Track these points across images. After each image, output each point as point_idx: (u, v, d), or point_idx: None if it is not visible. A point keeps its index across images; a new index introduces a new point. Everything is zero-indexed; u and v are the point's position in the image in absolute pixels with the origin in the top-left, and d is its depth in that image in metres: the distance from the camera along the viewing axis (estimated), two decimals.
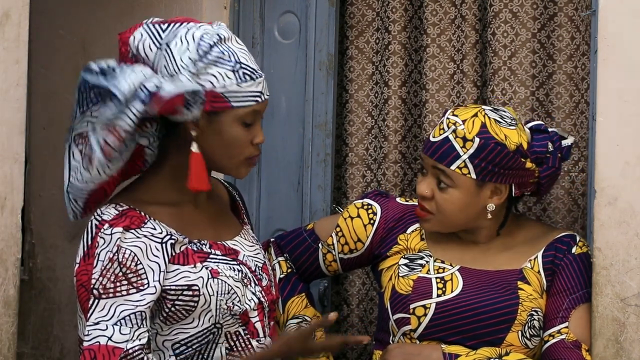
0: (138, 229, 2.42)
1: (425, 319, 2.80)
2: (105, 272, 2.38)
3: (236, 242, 2.60)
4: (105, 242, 2.39)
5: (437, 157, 2.79)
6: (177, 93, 2.38)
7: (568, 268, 2.82)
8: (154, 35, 2.45)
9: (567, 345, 2.74)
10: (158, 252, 2.42)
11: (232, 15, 3.45)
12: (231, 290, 2.49)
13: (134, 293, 2.38)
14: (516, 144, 2.78)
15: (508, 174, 2.79)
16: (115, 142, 2.39)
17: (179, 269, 2.44)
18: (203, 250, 2.50)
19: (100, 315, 2.37)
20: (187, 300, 2.45)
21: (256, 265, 2.59)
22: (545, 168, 2.83)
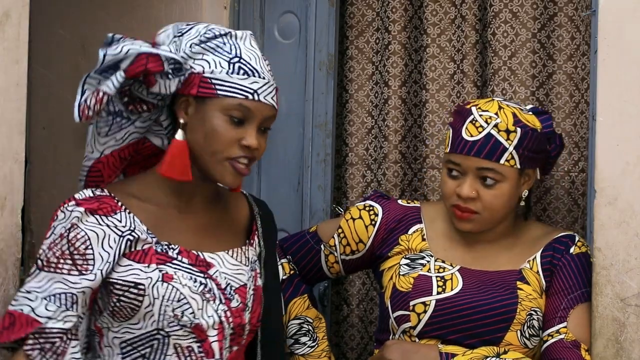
0: (104, 216, 2.39)
1: (424, 316, 2.80)
2: (52, 246, 2.37)
3: (217, 256, 2.49)
4: (64, 217, 2.38)
5: (485, 155, 2.78)
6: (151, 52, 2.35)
7: (566, 268, 2.83)
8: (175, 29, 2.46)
9: (566, 345, 2.74)
10: (114, 243, 2.38)
11: (232, 15, 3.45)
12: (183, 299, 2.40)
13: (74, 275, 2.35)
14: (540, 127, 2.84)
15: (538, 158, 2.84)
16: (92, 102, 2.36)
17: (132, 265, 2.39)
18: (167, 254, 2.43)
19: (35, 286, 2.35)
20: (132, 298, 2.39)
21: (228, 284, 2.47)
22: (554, 147, 2.89)
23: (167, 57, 2.37)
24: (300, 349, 2.97)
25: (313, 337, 2.98)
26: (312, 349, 2.97)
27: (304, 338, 2.97)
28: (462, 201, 2.82)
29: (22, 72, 2.56)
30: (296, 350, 2.97)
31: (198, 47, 2.40)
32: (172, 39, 2.44)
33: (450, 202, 2.85)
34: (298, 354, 2.97)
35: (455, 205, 2.84)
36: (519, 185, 2.83)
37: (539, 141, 2.82)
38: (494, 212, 2.82)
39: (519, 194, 2.85)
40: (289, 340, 2.98)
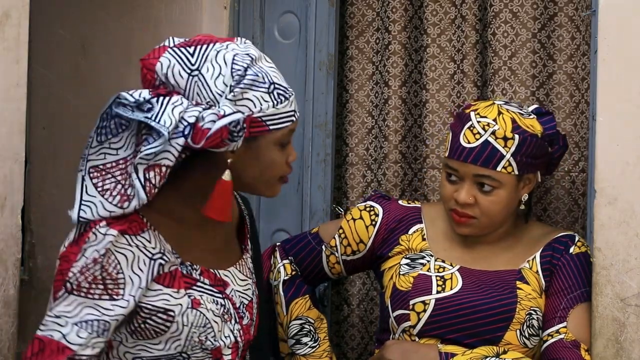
0: (133, 236, 2.30)
1: (424, 315, 2.80)
2: (85, 271, 2.27)
3: (229, 273, 2.46)
4: (96, 240, 2.28)
5: (482, 162, 2.78)
6: (222, 125, 2.26)
7: (565, 268, 2.83)
8: (183, 61, 2.32)
9: (565, 345, 2.74)
10: (145, 266, 2.31)
11: (232, 15, 3.45)
12: (208, 324, 2.37)
13: (105, 300, 2.28)
14: (540, 131, 2.83)
15: (538, 162, 2.83)
16: (156, 179, 2.27)
17: (162, 289, 2.33)
18: (192, 275, 2.38)
19: (65, 310, 2.27)
20: (160, 322, 2.33)
21: (241, 302, 2.46)
22: (557, 148, 2.88)
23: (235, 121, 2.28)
24: (301, 349, 2.97)
25: (314, 337, 2.98)
26: (313, 350, 2.97)
27: (306, 338, 2.97)
28: (460, 206, 2.82)
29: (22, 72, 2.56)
30: (297, 351, 2.97)
31: (237, 89, 2.29)
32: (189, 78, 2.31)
33: (449, 206, 2.85)
34: (299, 354, 2.97)
35: (453, 209, 2.84)
36: (517, 190, 2.83)
37: (539, 146, 2.82)
38: (492, 217, 2.82)
39: (518, 198, 2.85)
40: (290, 341, 2.98)
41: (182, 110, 2.25)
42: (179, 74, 2.30)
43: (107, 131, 2.31)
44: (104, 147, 2.32)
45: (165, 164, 2.27)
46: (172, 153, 2.26)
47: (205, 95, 2.29)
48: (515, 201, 2.84)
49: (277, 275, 3.01)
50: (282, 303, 2.98)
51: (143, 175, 2.27)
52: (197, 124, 2.25)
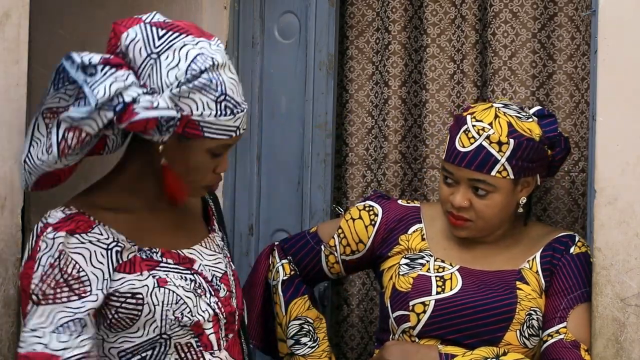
0: (84, 234, 2.33)
1: (424, 316, 2.80)
2: (45, 278, 2.29)
3: (194, 250, 2.49)
4: (47, 247, 2.31)
5: (476, 167, 2.78)
6: (150, 116, 2.28)
7: (566, 268, 2.83)
8: (148, 40, 2.35)
9: (565, 345, 2.74)
10: (103, 258, 2.33)
11: (232, 15, 3.45)
12: (180, 300, 2.39)
13: (74, 300, 2.30)
14: (539, 135, 2.82)
15: (537, 166, 2.83)
16: (73, 141, 2.30)
17: (125, 277, 2.36)
18: (153, 258, 2.41)
19: (38, 322, 2.29)
20: (131, 308, 2.36)
21: (214, 276, 2.48)
22: (558, 151, 2.88)
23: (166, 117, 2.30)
24: (300, 349, 2.97)
25: (314, 337, 2.98)
26: (312, 350, 2.97)
27: (305, 339, 2.97)
28: (456, 209, 2.82)
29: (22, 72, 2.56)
30: (297, 351, 2.97)
31: (185, 86, 2.30)
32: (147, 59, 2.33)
33: (446, 208, 2.86)
34: (299, 355, 2.97)
35: (449, 212, 2.84)
36: (514, 193, 2.83)
37: (536, 150, 2.81)
38: (488, 220, 2.82)
39: (515, 201, 2.84)
40: (289, 341, 2.98)
41: (121, 87, 2.27)
42: (139, 51, 2.33)
43: (65, 79, 2.33)
44: (60, 92, 2.35)
45: (86, 131, 2.28)
46: (97, 123, 2.27)
47: (154, 80, 2.31)
48: (512, 204, 2.84)
49: (276, 275, 3.01)
50: (281, 303, 2.99)
51: (63, 133, 2.29)
52: (130, 105, 2.27)
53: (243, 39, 3.43)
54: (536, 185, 2.88)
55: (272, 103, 3.40)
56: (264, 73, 3.42)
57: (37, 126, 2.37)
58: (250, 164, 3.42)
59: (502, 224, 2.87)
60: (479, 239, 2.89)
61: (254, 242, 3.41)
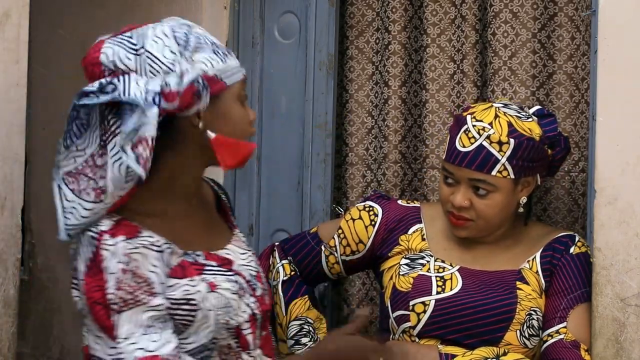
0: (134, 239, 2.30)
1: (424, 316, 2.80)
2: (120, 285, 2.27)
3: (229, 250, 2.48)
4: (111, 254, 2.28)
5: (476, 167, 2.78)
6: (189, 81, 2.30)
7: (566, 268, 2.83)
8: (125, 45, 2.34)
9: (565, 345, 2.74)
10: (156, 261, 2.31)
11: (232, 15, 3.45)
12: (228, 303, 2.39)
13: (151, 299, 2.29)
14: (539, 134, 2.82)
15: (537, 166, 2.83)
16: (147, 152, 2.27)
17: (178, 282, 2.34)
18: (198, 261, 2.39)
19: (128, 329, 2.27)
20: (185, 314, 2.34)
21: (250, 274, 2.48)
22: (559, 151, 2.87)
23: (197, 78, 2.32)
24: (301, 349, 2.97)
25: (314, 338, 2.98)
26: None
27: (305, 339, 2.97)
28: (456, 209, 2.82)
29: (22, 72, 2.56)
30: (297, 351, 2.97)
31: (187, 52, 2.34)
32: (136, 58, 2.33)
33: (446, 208, 2.86)
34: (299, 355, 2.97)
35: (450, 211, 2.84)
36: (514, 193, 2.83)
37: (536, 150, 2.81)
38: (488, 220, 2.82)
39: (516, 200, 2.84)
40: (289, 341, 2.98)
41: (142, 85, 2.28)
42: (125, 57, 2.33)
43: (71, 135, 2.33)
44: (71, 151, 2.34)
45: (149, 135, 2.27)
46: (151, 123, 2.27)
47: (158, 67, 2.32)
48: (512, 204, 2.84)
49: (276, 275, 3.01)
50: (281, 303, 2.98)
51: (132, 152, 2.28)
52: (164, 90, 2.28)
53: (243, 39, 3.43)
54: (536, 185, 2.88)
55: (272, 103, 3.40)
56: (264, 73, 3.42)
57: (63, 196, 2.35)
58: (250, 164, 3.41)
59: (503, 223, 2.87)
60: (479, 239, 2.89)
61: (254, 242, 3.41)
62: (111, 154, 2.29)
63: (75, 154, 2.34)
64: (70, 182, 2.34)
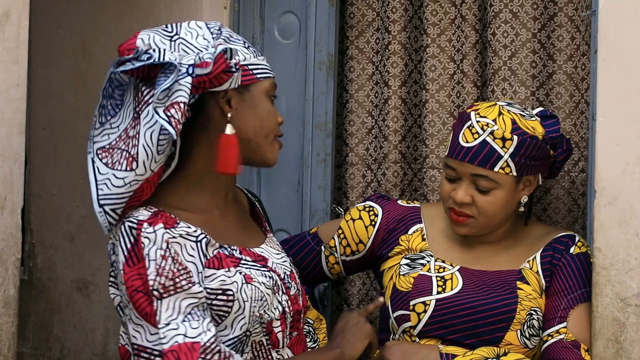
0: (172, 228, 2.33)
1: (424, 316, 2.80)
2: (161, 271, 2.29)
3: (263, 249, 2.51)
4: (151, 241, 2.31)
5: (479, 162, 2.78)
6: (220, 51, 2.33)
7: (566, 268, 2.83)
8: (161, 33, 2.40)
9: (565, 345, 2.74)
10: (194, 251, 2.34)
11: (232, 15, 3.45)
12: (263, 297, 2.41)
13: (192, 286, 2.31)
14: (542, 134, 2.82)
15: (539, 165, 2.83)
16: (178, 114, 2.30)
17: (215, 273, 2.36)
18: (234, 255, 2.42)
19: (168, 315, 2.29)
20: (221, 305, 2.36)
21: (285, 273, 2.51)
22: (561, 152, 2.88)
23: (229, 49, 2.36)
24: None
25: (313, 338, 2.97)
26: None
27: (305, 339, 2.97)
28: (457, 205, 2.82)
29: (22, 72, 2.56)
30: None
31: (220, 39, 2.39)
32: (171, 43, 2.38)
33: (447, 205, 2.86)
34: None
35: (451, 208, 2.84)
36: (516, 191, 2.83)
37: (539, 148, 2.81)
38: (489, 217, 2.82)
39: (517, 199, 2.84)
40: None
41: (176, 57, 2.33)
42: (160, 42, 2.38)
43: (106, 112, 2.37)
44: (106, 128, 2.38)
45: (181, 100, 2.30)
46: (184, 90, 2.30)
47: (192, 50, 2.37)
48: (513, 202, 2.84)
49: None
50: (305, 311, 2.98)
51: (165, 114, 2.30)
52: (196, 63, 2.32)
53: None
54: (538, 185, 2.88)
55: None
56: None
57: (96, 169, 2.37)
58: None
59: (503, 222, 2.87)
60: (479, 238, 2.89)
61: None
62: (144, 122, 2.32)
63: (109, 131, 2.38)
64: (103, 157, 2.37)
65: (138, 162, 2.33)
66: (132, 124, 2.35)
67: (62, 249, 3.64)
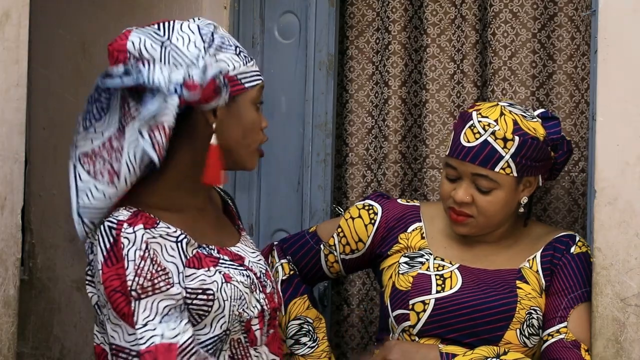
0: (152, 229, 2.35)
1: (424, 315, 2.80)
2: (139, 272, 2.30)
3: (239, 248, 2.54)
4: (130, 242, 2.31)
5: (480, 162, 2.78)
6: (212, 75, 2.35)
7: (566, 267, 2.83)
8: (152, 35, 2.38)
9: (566, 345, 2.74)
10: (174, 251, 2.35)
11: (232, 15, 3.45)
12: (242, 296, 2.43)
13: (170, 287, 2.32)
14: (543, 135, 2.82)
15: (540, 166, 2.83)
16: (163, 139, 2.31)
17: (195, 272, 2.38)
18: (213, 254, 2.43)
19: (146, 316, 2.30)
20: (201, 304, 2.38)
21: (260, 271, 2.53)
22: (561, 154, 2.87)
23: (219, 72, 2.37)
24: (300, 349, 2.97)
25: (313, 337, 2.98)
26: (312, 350, 2.97)
27: (304, 338, 2.97)
28: (457, 205, 2.82)
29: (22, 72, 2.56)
30: (296, 351, 2.97)
31: (211, 49, 2.39)
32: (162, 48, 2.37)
33: (447, 204, 2.86)
34: (298, 354, 2.97)
35: (451, 207, 2.84)
36: (516, 192, 2.83)
37: (540, 150, 2.81)
38: (489, 217, 2.82)
39: (517, 200, 2.84)
40: (289, 341, 2.98)
41: (167, 74, 2.32)
42: (151, 46, 2.36)
43: (91, 116, 2.37)
44: (90, 132, 2.37)
45: (167, 123, 2.31)
46: (170, 111, 2.31)
47: (182, 60, 2.36)
48: (513, 203, 2.84)
49: (275, 275, 3.01)
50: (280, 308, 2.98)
51: (149, 137, 2.31)
52: (186, 82, 2.32)
53: (243, 39, 3.43)
54: (538, 186, 2.88)
55: (272, 103, 3.40)
56: (264, 73, 3.42)
57: (78, 175, 2.37)
58: None
59: (503, 222, 2.87)
60: (479, 237, 2.89)
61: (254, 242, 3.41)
62: (128, 137, 2.33)
63: (93, 136, 2.37)
64: (85, 163, 2.37)
65: (120, 178, 2.34)
66: (117, 135, 2.35)
67: (62, 249, 3.64)
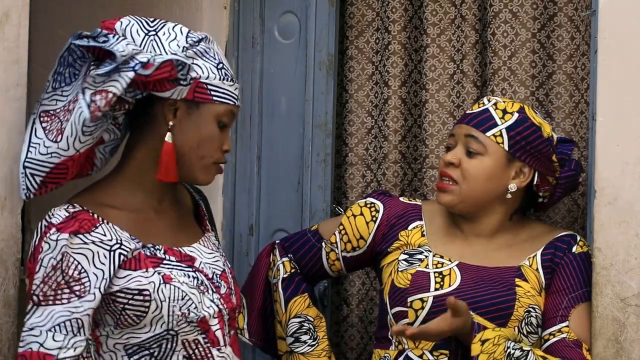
0: (87, 234, 2.36)
1: (422, 312, 2.81)
2: (47, 280, 2.33)
3: (194, 248, 2.54)
4: (49, 248, 2.34)
5: (475, 124, 2.84)
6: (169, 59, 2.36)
7: (568, 267, 2.83)
8: (142, 23, 2.45)
9: (568, 344, 2.74)
10: (105, 259, 2.37)
11: (232, 15, 3.45)
12: (186, 296, 2.43)
13: (74, 301, 2.33)
14: (549, 134, 2.86)
15: (536, 157, 2.84)
16: (102, 102, 2.33)
17: (131, 274, 2.40)
18: (157, 255, 2.45)
19: (36, 321, 2.32)
20: (138, 305, 2.39)
21: (214, 273, 2.53)
22: (567, 170, 2.89)
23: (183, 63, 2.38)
24: (300, 347, 2.97)
25: (313, 335, 2.98)
26: (312, 348, 2.97)
27: (305, 337, 2.97)
28: (445, 166, 2.84)
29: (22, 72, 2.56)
30: (296, 349, 2.97)
31: (190, 51, 2.42)
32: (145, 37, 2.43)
33: (438, 171, 2.88)
34: (298, 353, 2.97)
35: (440, 175, 2.87)
36: (505, 170, 2.84)
37: (539, 139, 2.83)
38: (471, 184, 2.83)
39: (504, 181, 2.85)
40: (289, 339, 2.98)
41: (136, 49, 2.36)
42: (136, 32, 2.43)
43: (62, 79, 2.43)
44: (57, 94, 2.43)
45: (112, 91, 2.33)
46: (120, 83, 2.33)
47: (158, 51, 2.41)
48: (500, 182, 2.84)
49: (277, 273, 3.02)
50: (281, 301, 2.99)
51: (90, 97, 2.34)
52: (147, 63, 2.35)
53: (243, 39, 3.43)
54: (531, 181, 2.87)
55: (272, 103, 3.40)
56: (264, 73, 3.42)
57: (34, 130, 2.42)
58: (250, 164, 3.42)
59: (487, 201, 2.85)
60: (475, 231, 2.89)
61: (254, 242, 3.41)
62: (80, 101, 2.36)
63: (59, 98, 2.43)
64: (44, 121, 2.42)
65: (62, 137, 2.37)
66: (75, 98, 2.39)
67: None
